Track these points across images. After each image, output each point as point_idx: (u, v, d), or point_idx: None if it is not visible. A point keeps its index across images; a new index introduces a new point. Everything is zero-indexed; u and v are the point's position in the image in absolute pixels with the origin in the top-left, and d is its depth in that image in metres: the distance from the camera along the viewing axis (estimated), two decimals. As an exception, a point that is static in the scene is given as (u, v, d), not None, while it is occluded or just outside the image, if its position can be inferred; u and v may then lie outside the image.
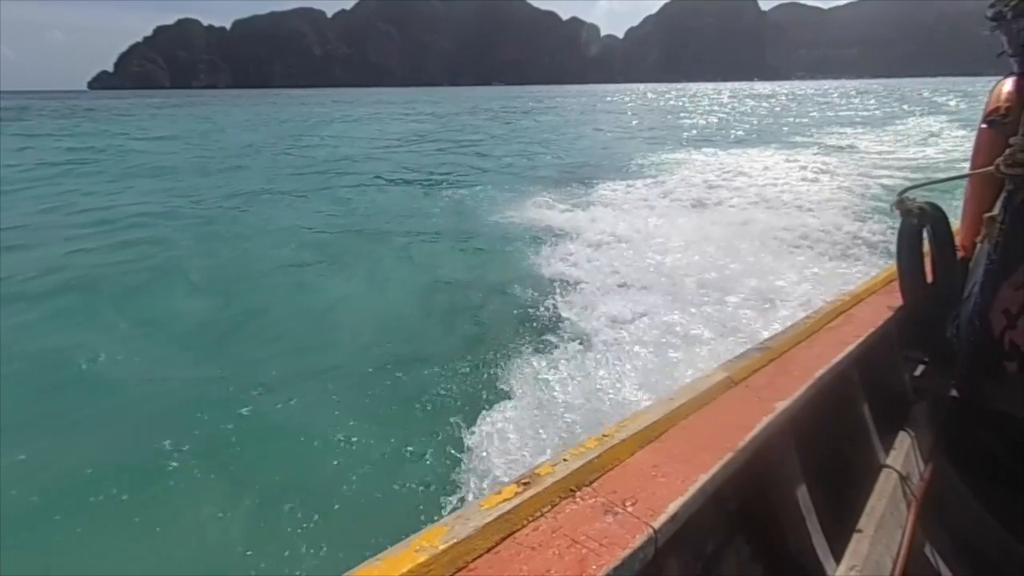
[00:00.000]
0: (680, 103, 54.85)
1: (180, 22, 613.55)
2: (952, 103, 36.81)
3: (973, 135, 2.06)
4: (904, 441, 1.83)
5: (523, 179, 12.86)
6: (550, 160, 16.32)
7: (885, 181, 10.58)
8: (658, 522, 0.87)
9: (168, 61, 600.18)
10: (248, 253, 7.52)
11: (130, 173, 14.53)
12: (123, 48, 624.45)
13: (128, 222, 9.12)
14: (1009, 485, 1.83)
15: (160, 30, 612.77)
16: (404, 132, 26.80)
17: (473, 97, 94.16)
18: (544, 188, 11.05)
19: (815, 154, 14.58)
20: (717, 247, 6.19)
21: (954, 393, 1.96)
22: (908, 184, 2.03)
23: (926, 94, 53.09)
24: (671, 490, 0.94)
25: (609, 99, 71.38)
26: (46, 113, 49.47)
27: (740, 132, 23.80)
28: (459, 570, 0.74)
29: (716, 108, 43.95)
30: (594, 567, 0.77)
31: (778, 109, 40.33)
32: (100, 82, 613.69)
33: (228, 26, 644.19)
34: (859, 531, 1.45)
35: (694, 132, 24.51)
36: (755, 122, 29.17)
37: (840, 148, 16.36)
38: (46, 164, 16.05)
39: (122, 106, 65.49)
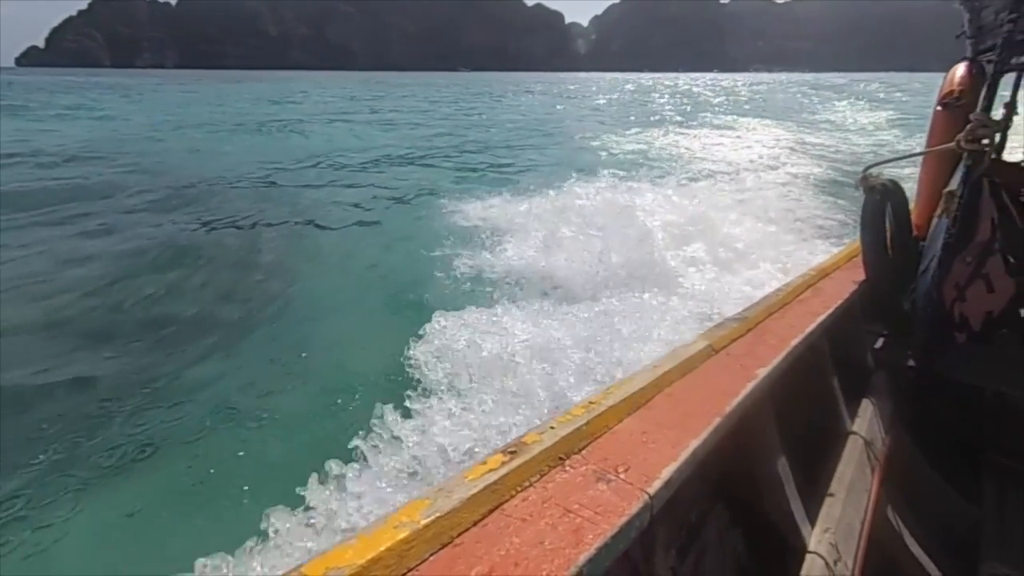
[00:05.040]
0: (703, 90, 55.22)
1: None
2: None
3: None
4: (867, 409, 1.90)
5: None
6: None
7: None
8: (653, 488, 0.84)
9: (107, 37, 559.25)
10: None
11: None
12: (55, 22, 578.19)
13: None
14: (959, 449, 1.96)
15: (97, 3, 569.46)
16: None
17: (485, 81, 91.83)
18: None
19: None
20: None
21: (911, 363, 2.05)
22: (872, 161, 2.07)
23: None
24: (662, 456, 0.92)
25: (630, 87, 68.47)
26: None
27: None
28: (444, 546, 0.69)
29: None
30: (590, 536, 0.74)
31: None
32: (30, 58, 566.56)
33: (174, 2, 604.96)
34: (831, 495, 1.48)
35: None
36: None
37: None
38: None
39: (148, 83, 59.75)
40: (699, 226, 5.66)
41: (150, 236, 7.10)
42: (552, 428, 0.95)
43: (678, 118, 23.59)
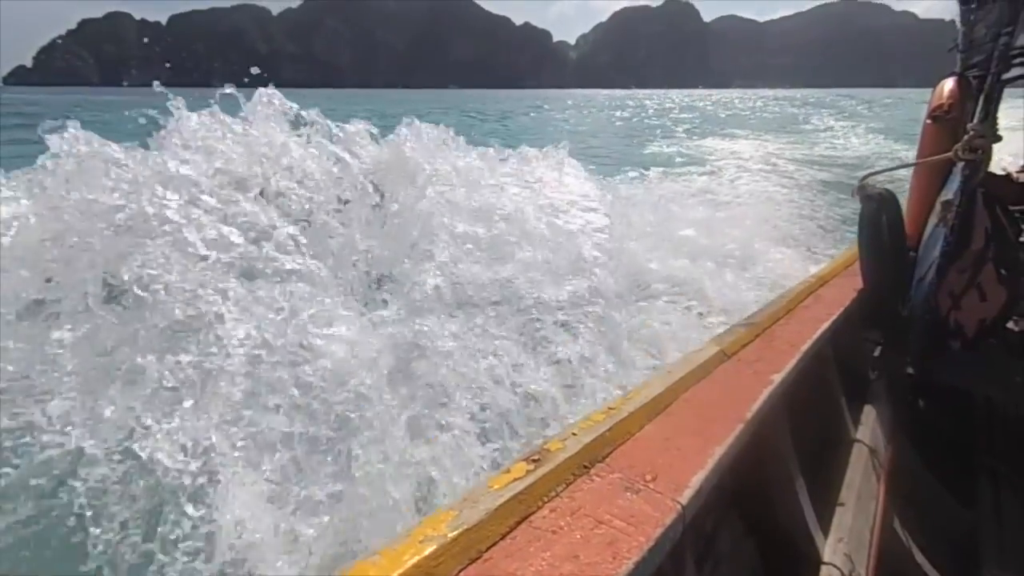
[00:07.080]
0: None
1: (109, 15, 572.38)
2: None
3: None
4: (870, 415, 1.93)
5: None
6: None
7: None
8: (684, 498, 0.82)
9: (96, 56, 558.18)
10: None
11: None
12: (42, 42, 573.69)
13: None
14: (955, 455, 1.99)
15: (86, 23, 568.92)
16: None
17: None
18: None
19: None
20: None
21: (910, 370, 2.07)
22: (868, 171, 2.15)
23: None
24: (688, 463, 0.90)
25: (631, 103, 63.18)
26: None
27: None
28: (472, 561, 0.66)
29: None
30: (626, 549, 0.70)
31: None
32: (17, 77, 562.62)
33: (163, 21, 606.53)
34: (841, 504, 1.50)
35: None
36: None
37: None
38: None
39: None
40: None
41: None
42: (574, 435, 0.93)
43: (700, 129, 25.84)
